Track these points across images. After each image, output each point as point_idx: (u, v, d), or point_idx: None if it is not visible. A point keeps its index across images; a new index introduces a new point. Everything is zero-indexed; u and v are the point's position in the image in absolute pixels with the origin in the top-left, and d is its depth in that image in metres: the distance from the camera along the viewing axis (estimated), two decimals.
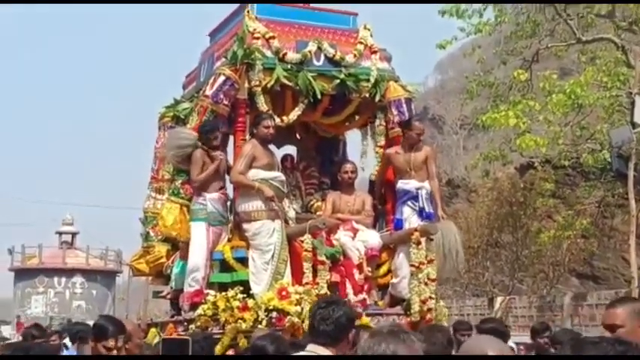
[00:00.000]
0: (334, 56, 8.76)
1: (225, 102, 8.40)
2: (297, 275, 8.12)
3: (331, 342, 4.22)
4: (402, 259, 8.65)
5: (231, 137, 8.83)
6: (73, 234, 51.05)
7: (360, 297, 8.34)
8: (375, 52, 9.02)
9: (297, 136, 9.94)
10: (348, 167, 9.15)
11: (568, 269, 25.21)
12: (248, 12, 8.69)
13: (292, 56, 8.57)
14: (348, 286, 8.37)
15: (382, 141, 9.04)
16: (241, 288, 7.92)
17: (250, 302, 7.78)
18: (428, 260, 8.43)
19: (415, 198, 8.78)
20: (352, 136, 9.92)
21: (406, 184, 8.84)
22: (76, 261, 49.75)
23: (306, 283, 7.93)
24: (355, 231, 8.74)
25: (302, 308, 7.70)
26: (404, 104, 8.92)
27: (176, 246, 8.92)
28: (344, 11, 9.40)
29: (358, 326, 6.15)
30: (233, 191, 8.57)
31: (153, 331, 8.77)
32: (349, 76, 8.76)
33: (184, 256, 8.53)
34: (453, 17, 19.29)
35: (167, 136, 8.92)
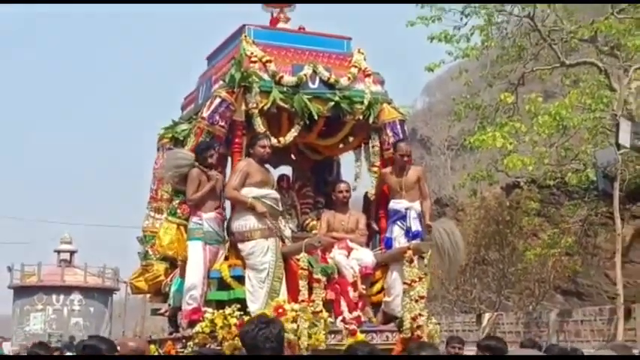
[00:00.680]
0: (329, 79, 8.74)
1: (221, 123, 8.35)
2: (292, 293, 8.04)
3: None
4: (395, 277, 8.60)
5: (229, 158, 8.77)
6: (72, 252, 50.99)
7: (355, 314, 8.28)
8: (369, 75, 9.00)
9: (292, 157, 9.91)
10: (343, 187, 9.13)
11: (553, 286, 25.17)
12: (245, 36, 8.68)
13: (288, 79, 8.55)
14: (343, 304, 8.31)
15: (377, 161, 9.01)
16: (238, 305, 7.85)
17: (247, 320, 7.70)
18: (419, 278, 8.40)
19: (404, 218, 8.77)
20: (346, 157, 9.88)
21: (397, 204, 8.83)
22: (74, 279, 49.69)
23: (301, 301, 7.85)
24: (349, 249, 8.70)
25: (298, 325, 7.64)
26: (398, 125, 8.93)
27: (174, 264, 8.86)
28: (338, 35, 9.39)
29: (352, 343, 6.10)
30: (230, 210, 8.51)
31: (152, 348, 8.69)
32: (344, 99, 8.73)
33: (182, 275, 8.46)
34: (442, 42, 19.36)
35: (165, 157, 8.87)
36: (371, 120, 8.90)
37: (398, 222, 8.78)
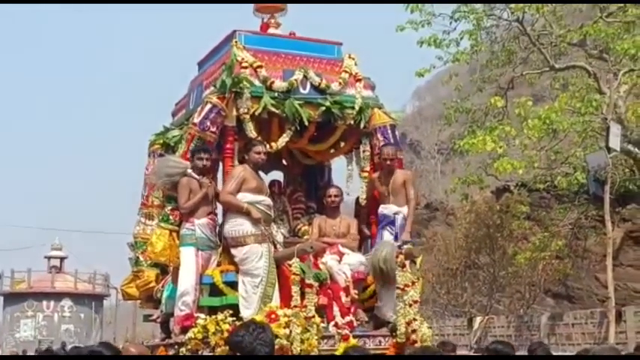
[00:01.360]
0: (320, 84, 8.74)
1: (212, 129, 8.35)
2: (285, 298, 8.03)
3: None
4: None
5: (219, 164, 8.76)
6: (62, 258, 50.82)
7: (347, 319, 8.26)
8: (360, 81, 9.01)
9: (283, 163, 9.91)
10: (332, 191, 9.14)
11: (544, 289, 25.22)
12: (236, 42, 8.68)
13: (279, 85, 8.55)
14: (335, 309, 8.30)
15: (368, 166, 9.04)
16: (231, 311, 7.84)
17: (239, 325, 7.67)
18: (412, 282, 8.40)
19: (392, 223, 8.78)
20: (337, 162, 9.88)
21: (385, 209, 8.85)
22: (65, 285, 49.53)
23: (294, 306, 7.85)
24: (341, 254, 8.70)
25: (290, 331, 7.63)
26: (389, 130, 8.94)
27: (165, 270, 8.85)
28: (329, 41, 9.38)
29: (347, 347, 6.11)
30: (222, 216, 8.50)
31: None
32: (334, 104, 8.74)
33: (174, 281, 8.44)
34: (431, 47, 19.38)
35: (156, 164, 8.84)
36: (362, 125, 8.92)
37: (387, 227, 8.79)
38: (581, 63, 20.00)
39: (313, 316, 7.82)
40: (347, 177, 9.46)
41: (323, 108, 8.71)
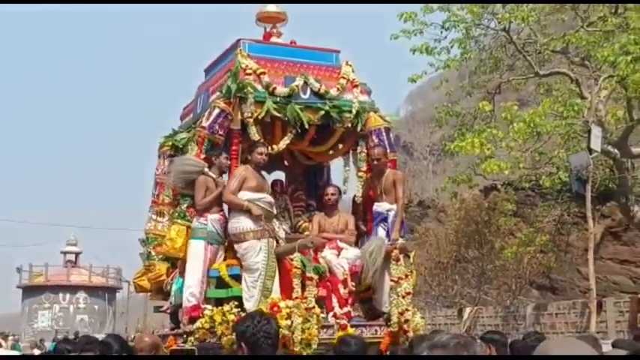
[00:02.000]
0: (319, 90, 8.75)
1: (220, 132, 8.39)
2: (287, 290, 8.05)
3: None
4: (383, 275, 8.60)
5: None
6: (77, 253, 50.93)
7: (345, 309, 8.30)
8: (357, 86, 9.01)
9: (285, 163, 9.93)
10: (331, 190, 9.15)
11: (529, 282, 25.26)
12: (240, 50, 8.69)
13: (281, 90, 8.56)
14: (334, 300, 8.32)
15: (364, 167, 9.03)
16: (236, 303, 7.88)
17: (244, 315, 7.69)
18: (405, 275, 8.44)
19: (385, 220, 8.78)
20: (336, 163, 9.90)
21: (379, 207, 8.85)
22: (80, 278, 49.68)
23: (295, 298, 7.87)
24: (339, 249, 8.70)
25: (292, 322, 7.66)
26: (383, 133, 8.95)
27: (175, 264, 8.85)
28: (328, 49, 9.38)
29: (342, 336, 6.12)
30: (228, 213, 8.51)
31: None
32: (333, 108, 8.74)
33: (182, 274, 8.45)
34: (423, 54, 19.37)
35: (173, 162, 8.80)
36: (359, 128, 8.91)
37: (381, 224, 8.79)
38: (563, 69, 19.99)
39: (313, 307, 7.85)
40: (344, 177, 9.49)
41: (322, 112, 8.72)
